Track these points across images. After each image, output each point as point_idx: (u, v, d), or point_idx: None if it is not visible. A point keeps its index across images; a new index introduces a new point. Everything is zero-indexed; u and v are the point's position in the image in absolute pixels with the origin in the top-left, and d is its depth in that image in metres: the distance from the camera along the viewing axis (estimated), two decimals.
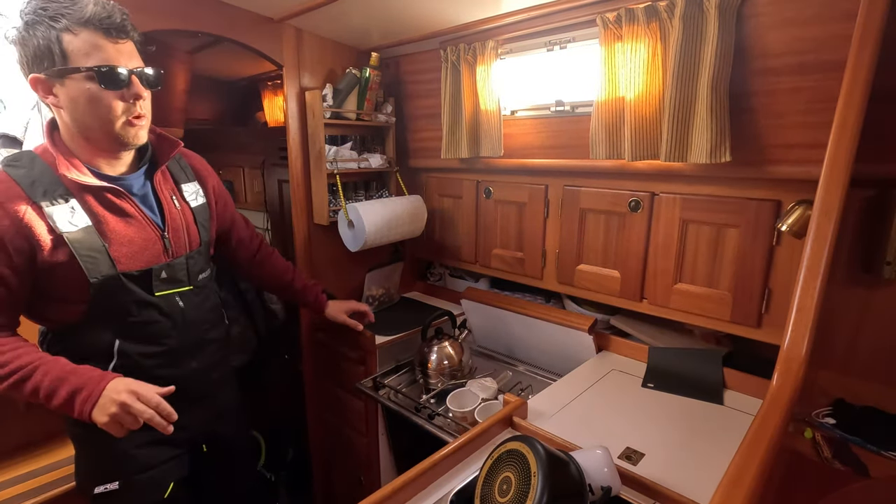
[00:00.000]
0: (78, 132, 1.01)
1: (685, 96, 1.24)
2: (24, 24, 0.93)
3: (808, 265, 0.97)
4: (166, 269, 1.13)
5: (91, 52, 0.94)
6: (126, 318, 1.08)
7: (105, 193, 1.04)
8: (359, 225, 1.83)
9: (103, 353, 1.07)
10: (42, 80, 0.95)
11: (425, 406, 1.54)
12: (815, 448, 1.16)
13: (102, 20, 0.94)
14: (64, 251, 0.99)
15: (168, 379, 1.11)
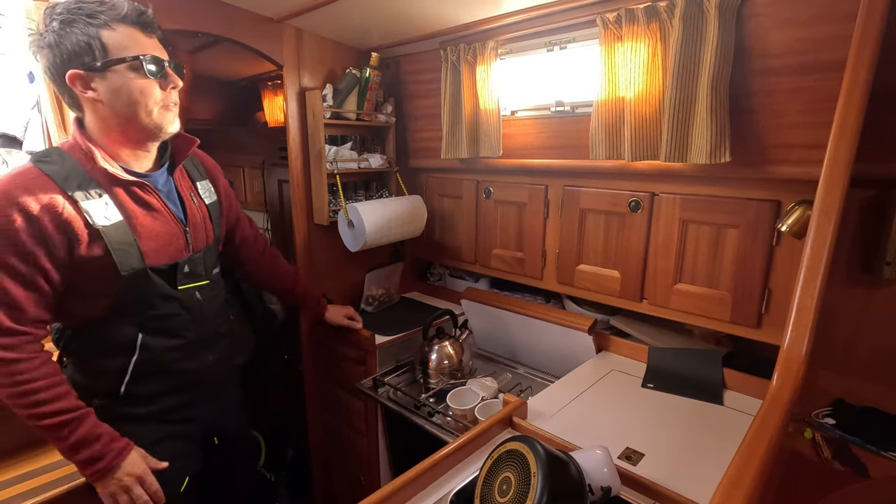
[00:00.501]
0: (116, 124, 1.03)
1: (685, 96, 1.24)
2: (60, 23, 0.95)
3: (808, 265, 0.97)
4: (188, 263, 1.16)
5: (129, 46, 0.99)
6: (149, 312, 1.10)
7: (133, 188, 1.07)
8: (359, 225, 1.83)
9: (126, 347, 1.09)
10: (81, 76, 0.98)
11: (425, 404, 1.54)
12: (815, 448, 1.16)
13: (138, 16, 1.00)
14: (100, 245, 1.01)
15: (186, 372, 1.17)
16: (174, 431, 1.19)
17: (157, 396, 1.16)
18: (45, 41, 0.97)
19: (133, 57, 0.99)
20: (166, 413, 1.17)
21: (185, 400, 1.20)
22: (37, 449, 1.52)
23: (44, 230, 0.96)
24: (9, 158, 1.92)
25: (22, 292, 0.96)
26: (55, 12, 0.96)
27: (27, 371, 0.97)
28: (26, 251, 0.95)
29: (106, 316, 1.06)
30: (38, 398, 0.97)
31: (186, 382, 1.19)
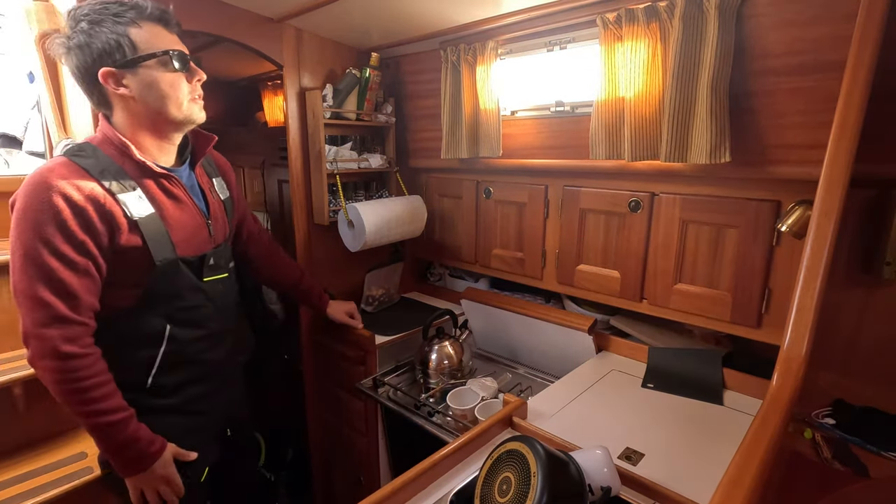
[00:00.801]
0: (146, 118, 1.07)
1: (685, 97, 1.24)
2: (88, 23, 0.99)
3: (808, 265, 0.97)
4: (213, 255, 1.20)
5: (156, 42, 1.03)
6: (178, 303, 1.14)
7: (162, 180, 1.11)
8: (359, 225, 1.83)
9: (155, 339, 1.12)
10: (113, 73, 1.01)
11: (424, 404, 1.54)
12: (815, 448, 1.16)
13: (161, 14, 1.05)
14: (137, 235, 1.05)
15: (209, 362, 1.22)
16: (196, 423, 1.22)
17: (182, 387, 1.18)
18: (74, 42, 1.00)
19: (163, 52, 1.03)
20: (188, 404, 1.20)
21: (205, 390, 1.23)
22: (37, 449, 1.52)
23: (90, 219, 0.98)
24: (9, 158, 1.92)
25: (76, 280, 0.98)
26: (81, 14, 1.00)
27: (84, 368, 0.98)
28: (77, 240, 0.97)
29: (136, 307, 1.09)
30: (91, 396, 0.99)
31: (208, 373, 1.23)
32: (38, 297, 0.95)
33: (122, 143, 1.05)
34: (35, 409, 1.53)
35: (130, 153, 1.06)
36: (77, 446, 1.54)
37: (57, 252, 0.96)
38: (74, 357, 0.97)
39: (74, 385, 0.97)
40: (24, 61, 1.79)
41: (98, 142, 1.07)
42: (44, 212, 0.95)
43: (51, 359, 0.96)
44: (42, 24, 1.52)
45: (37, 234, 0.94)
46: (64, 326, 0.97)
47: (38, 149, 1.86)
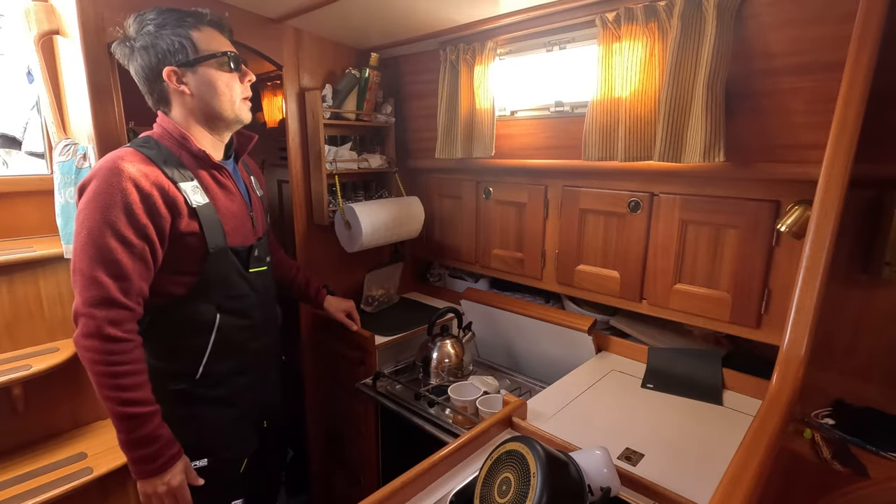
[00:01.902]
0: (201, 114, 1.16)
1: (681, 96, 1.24)
2: (155, 26, 1.09)
3: (808, 266, 0.97)
4: (257, 247, 1.27)
5: (214, 45, 1.14)
6: (227, 292, 1.19)
7: (215, 171, 1.19)
8: (355, 226, 1.82)
9: (206, 326, 1.17)
10: (176, 71, 1.11)
11: (424, 395, 1.53)
12: (815, 449, 1.16)
13: (219, 20, 1.17)
14: (196, 222, 1.11)
15: (252, 352, 1.27)
16: (240, 413, 1.26)
17: (228, 378, 1.23)
18: (140, 45, 1.10)
19: (222, 53, 1.14)
20: (234, 396, 1.24)
21: (248, 381, 1.27)
22: (37, 449, 1.52)
23: (155, 204, 1.04)
24: (8, 159, 1.92)
25: (132, 264, 1.02)
26: (147, 19, 1.10)
27: (122, 353, 1.01)
28: (140, 224, 1.03)
29: (189, 295, 1.14)
30: (123, 382, 1.01)
31: (251, 363, 1.27)
32: (93, 276, 0.99)
33: (182, 135, 1.14)
34: (34, 409, 1.53)
35: (189, 144, 1.14)
36: (76, 447, 1.54)
37: (119, 234, 1.00)
38: (116, 340, 1.00)
39: (110, 368, 1.00)
40: (23, 61, 1.79)
41: (158, 135, 1.15)
42: (113, 195, 1.00)
43: (95, 338, 0.99)
44: (41, 24, 1.52)
45: (103, 216, 1.00)
46: (112, 309, 1.00)
47: (37, 149, 1.86)
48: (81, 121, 1.50)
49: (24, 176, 1.71)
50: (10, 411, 1.48)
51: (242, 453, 1.29)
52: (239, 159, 1.31)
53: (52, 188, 1.52)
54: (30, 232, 1.71)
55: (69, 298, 1.60)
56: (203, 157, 1.16)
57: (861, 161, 0.95)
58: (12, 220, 1.67)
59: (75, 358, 1.55)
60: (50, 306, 1.57)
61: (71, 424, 1.62)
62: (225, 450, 1.24)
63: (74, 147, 1.47)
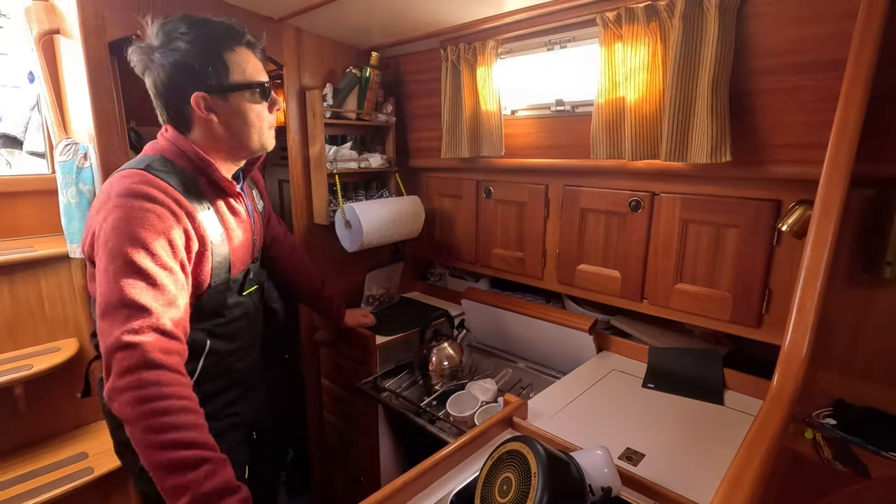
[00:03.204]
0: (224, 142, 1.05)
1: (685, 96, 1.24)
2: (187, 42, 0.96)
3: (809, 265, 0.96)
4: (252, 269, 1.22)
5: (246, 69, 1.02)
6: (218, 318, 1.13)
7: (230, 199, 1.12)
8: (356, 225, 1.82)
9: (196, 353, 1.08)
10: (205, 98, 0.99)
11: (426, 410, 1.53)
12: (816, 448, 1.16)
13: (255, 41, 1.04)
14: (206, 257, 1.04)
15: (240, 371, 1.22)
16: (225, 427, 1.21)
17: (214, 397, 1.17)
18: (166, 60, 0.97)
19: (257, 84, 1.03)
20: (219, 411, 1.20)
21: (234, 397, 1.23)
22: (37, 449, 1.52)
23: (188, 233, 0.97)
24: (10, 159, 1.92)
25: (178, 292, 0.93)
26: (177, 32, 0.96)
27: (179, 384, 0.85)
28: (180, 252, 0.95)
29: None
30: (184, 420, 0.81)
31: (236, 381, 1.23)
32: (138, 303, 0.85)
33: (207, 162, 1.03)
34: (35, 409, 1.53)
35: (212, 173, 1.04)
36: (77, 447, 1.54)
37: (160, 260, 0.90)
38: (169, 369, 0.84)
39: (162, 403, 0.80)
40: (24, 61, 1.79)
41: (173, 155, 1.04)
42: (147, 221, 0.90)
43: (140, 370, 0.81)
44: (42, 24, 1.52)
45: (139, 242, 0.88)
46: (161, 337, 0.86)
47: (38, 149, 1.86)
48: (82, 120, 1.50)
49: (24, 175, 1.72)
50: (12, 411, 1.48)
51: (240, 461, 1.23)
52: (246, 178, 1.23)
53: (53, 188, 1.52)
54: (31, 232, 1.71)
55: (70, 298, 1.60)
56: (226, 188, 1.08)
57: (862, 161, 0.94)
58: (13, 220, 1.67)
59: (76, 358, 1.55)
60: (51, 306, 1.57)
61: (72, 424, 1.62)
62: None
63: (75, 147, 1.47)
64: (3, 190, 1.63)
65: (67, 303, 1.60)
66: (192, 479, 0.77)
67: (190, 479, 0.77)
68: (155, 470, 0.78)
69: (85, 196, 1.45)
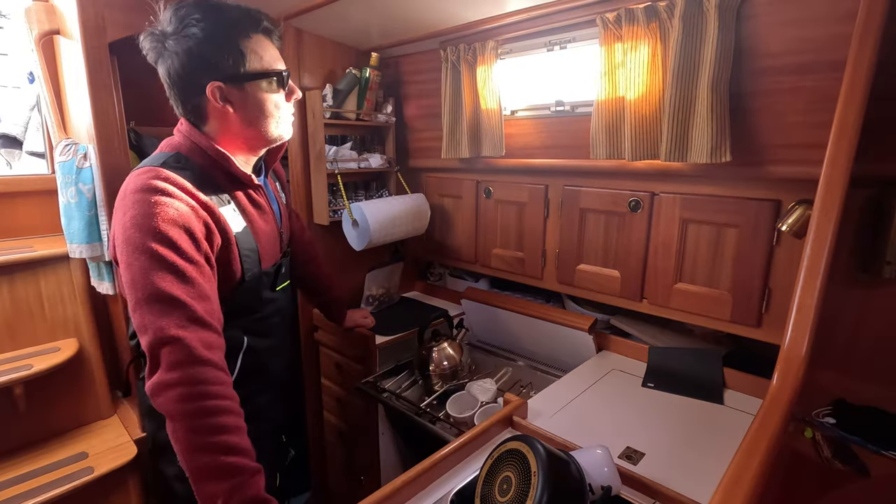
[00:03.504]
0: (241, 132, 1.02)
1: (685, 96, 1.24)
2: (202, 30, 0.93)
3: (808, 265, 0.97)
4: (284, 263, 1.20)
5: (263, 57, 0.99)
6: (254, 314, 1.12)
7: (250, 191, 1.09)
8: (363, 224, 1.82)
9: (234, 351, 1.07)
10: (221, 87, 0.96)
11: (426, 411, 1.53)
12: (816, 448, 1.16)
13: (272, 28, 1.01)
14: (233, 250, 1.02)
15: (276, 371, 1.21)
16: (263, 430, 1.18)
17: (251, 397, 1.12)
18: (179, 47, 0.93)
19: (275, 72, 1.00)
20: (257, 413, 1.16)
21: (269, 399, 1.22)
22: (37, 449, 1.52)
23: (208, 226, 0.96)
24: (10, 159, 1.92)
25: (207, 285, 0.91)
26: (191, 18, 0.93)
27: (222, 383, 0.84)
28: (202, 247, 0.93)
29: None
30: (226, 422, 0.81)
31: (273, 382, 1.22)
32: (171, 296, 0.84)
33: (222, 156, 1.01)
34: (35, 409, 1.53)
35: (230, 166, 1.02)
36: (77, 446, 1.54)
37: (186, 255, 0.88)
38: (213, 366, 0.83)
39: (208, 403, 0.80)
40: (24, 62, 1.79)
41: (188, 150, 1.01)
42: (167, 215, 0.88)
43: (185, 366, 0.80)
44: (42, 24, 1.52)
45: (161, 236, 0.87)
46: (204, 330, 0.85)
47: (38, 149, 1.86)
48: (82, 120, 1.50)
49: (24, 176, 1.72)
50: (12, 411, 1.48)
51: (275, 466, 1.24)
52: (269, 171, 1.20)
53: (53, 188, 1.52)
54: (31, 232, 1.71)
55: (70, 298, 1.60)
56: (244, 180, 1.05)
57: (862, 160, 0.95)
58: (13, 220, 1.68)
59: (76, 357, 1.55)
60: (51, 306, 1.57)
61: (72, 424, 1.62)
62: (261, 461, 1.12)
63: (75, 147, 1.47)
64: (3, 190, 1.63)
65: (67, 303, 1.60)
66: (227, 487, 0.78)
67: (225, 488, 0.78)
68: (193, 472, 0.79)
69: (84, 196, 1.45)
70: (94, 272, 1.55)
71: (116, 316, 1.69)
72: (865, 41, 0.94)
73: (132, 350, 1.10)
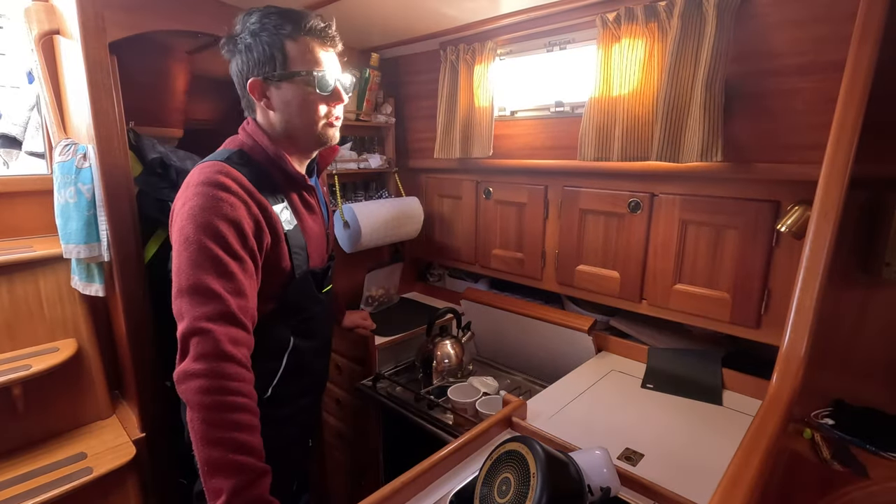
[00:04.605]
0: (284, 131, 1.06)
1: (679, 95, 1.25)
2: (251, 32, 1.00)
3: (808, 266, 0.97)
4: (331, 265, 1.23)
5: (308, 59, 1.01)
6: (302, 314, 1.14)
7: (303, 192, 1.13)
8: (354, 226, 1.82)
9: (280, 350, 1.11)
10: (259, 84, 1.02)
11: (424, 397, 1.53)
12: (814, 449, 1.16)
13: (322, 30, 1.03)
14: (284, 247, 1.05)
15: (317, 373, 1.24)
16: (300, 433, 1.21)
17: (295, 398, 1.16)
18: (239, 46, 1.02)
19: (306, 72, 1.01)
20: (298, 414, 1.19)
21: (310, 401, 1.23)
22: (36, 449, 1.52)
23: (258, 224, 0.98)
24: (9, 159, 1.92)
25: (246, 281, 0.93)
26: (250, 21, 1.01)
27: (242, 380, 0.86)
28: (249, 242, 0.96)
29: (266, 318, 1.04)
30: (241, 419, 0.83)
31: (313, 382, 1.23)
32: (210, 289, 0.88)
33: (279, 154, 1.05)
34: (34, 409, 1.53)
35: (285, 165, 1.06)
36: (76, 447, 1.53)
37: (231, 249, 0.92)
38: (237, 362, 0.86)
39: (226, 399, 0.82)
40: (23, 62, 1.79)
41: (249, 148, 1.06)
42: (222, 210, 0.92)
43: (210, 359, 0.83)
44: (42, 24, 1.52)
45: (214, 229, 0.91)
46: (233, 326, 0.88)
47: (37, 149, 1.86)
48: (81, 121, 1.50)
49: (24, 176, 1.71)
50: (10, 411, 1.48)
51: (296, 475, 1.24)
52: (321, 173, 1.23)
53: (52, 188, 1.52)
54: (30, 232, 1.71)
55: (69, 299, 1.60)
56: (298, 179, 1.09)
57: (861, 161, 0.95)
58: (12, 220, 1.67)
59: (75, 358, 1.55)
60: (50, 306, 1.57)
61: (71, 424, 1.62)
62: (284, 469, 1.09)
63: (74, 147, 1.47)
64: (2, 190, 1.63)
65: (66, 303, 1.60)
66: (231, 484, 0.80)
67: (230, 485, 0.80)
68: (203, 463, 0.82)
69: (84, 196, 1.45)
70: (83, 274, 1.53)
71: (115, 316, 1.69)
72: (865, 41, 0.94)
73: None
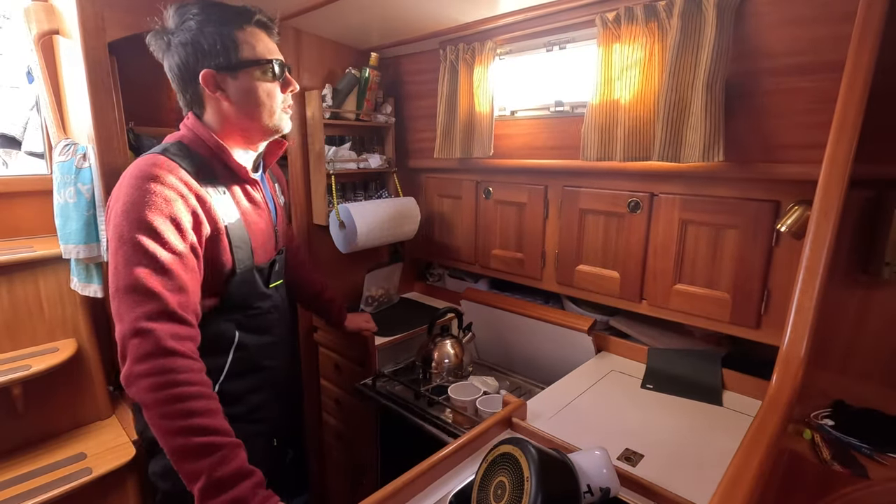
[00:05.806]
0: (237, 123, 1.05)
1: (680, 95, 1.24)
2: (197, 22, 0.98)
3: (808, 266, 0.96)
4: (279, 260, 1.21)
5: (258, 48, 1.02)
6: (247, 310, 1.13)
7: (247, 185, 1.11)
8: (350, 226, 1.82)
9: (225, 346, 1.10)
10: (214, 75, 1.00)
11: (423, 395, 1.53)
12: (815, 449, 1.16)
13: (267, 20, 1.05)
14: (223, 241, 1.03)
15: (271, 370, 1.20)
16: (257, 431, 1.19)
17: (246, 396, 1.16)
18: (178, 40, 0.99)
19: (266, 60, 1.02)
20: (252, 413, 1.18)
21: (265, 399, 1.21)
22: (35, 450, 1.52)
23: (197, 217, 0.97)
24: (8, 159, 1.92)
25: (186, 275, 0.92)
26: (190, 13, 0.99)
27: (190, 370, 0.86)
28: (188, 235, 0.94)
29: (209, 315, 1.05)
30: (195, 406, 0.83)
31: (267, 380, 1.22)
32: (148, 288, 0.86)
33: (219, 146, 1.04)
34: (34, 409, 1.53)
35: (226, 157, 1.05)
36: (76, 447, 1.54)
37: (168, 244, 0.90)
38: (181, 355, 0.86)
39: (176, 390, 0.82)
40: (23, 61, 1.79)
41: (189, 140, 1.05)
42: (156, 204, 0.90)
43: (154, 357, 0.83)
44: (41, 24, 1.52)
45: (149, 224, 0.89)
46: (173, 323, 0.88)
47: (37, 149, 1.86)
48: (81, 121, 1.50)
49: (23, 176, 1.72)
50: (10, 412, 1.48)
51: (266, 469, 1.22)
52: (267, 168, 1.22)
53: (51, 188, 1.52)
54: (30, 232, 1.71)
55: (69, 299, 1.60)
56: (240, 172, 1.08)
57: (861, 161, 0.94)
58: (12, 220, 1.67)
59: (75, 358, 1.55)
60: (50, 306, 1.57)
61: (70, 425, 1.62)
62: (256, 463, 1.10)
63: (74, 147, 1.47)
64: (1, 190, 1.63)
65: (66, 303, 1.60)
66: (206, 464, 0.81)
67: (205, 465, 0.81)
68: (171, 454, 0.82)
69: (84, 196, 1.45)
70: (82, 274, 1.54)
71: None
72: (865, 41, 0.94)
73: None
